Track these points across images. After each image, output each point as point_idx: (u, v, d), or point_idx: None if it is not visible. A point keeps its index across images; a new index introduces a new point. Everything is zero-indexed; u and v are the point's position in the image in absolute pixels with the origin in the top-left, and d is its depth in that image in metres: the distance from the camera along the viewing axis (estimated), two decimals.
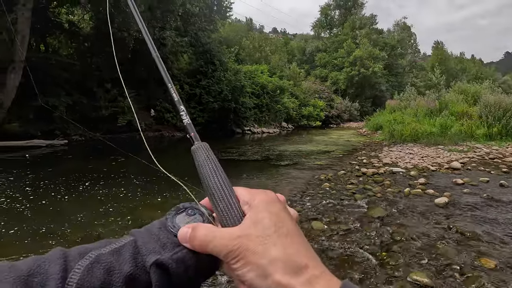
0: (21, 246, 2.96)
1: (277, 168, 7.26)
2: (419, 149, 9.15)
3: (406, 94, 19.57)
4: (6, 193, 4.75)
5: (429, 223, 3.34)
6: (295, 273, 0.28)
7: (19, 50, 9.80)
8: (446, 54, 47.70)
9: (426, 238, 2.97)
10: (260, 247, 0.30)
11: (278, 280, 0.28)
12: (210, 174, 0.36)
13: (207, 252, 0.32)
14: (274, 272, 0.28)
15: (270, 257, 0.29)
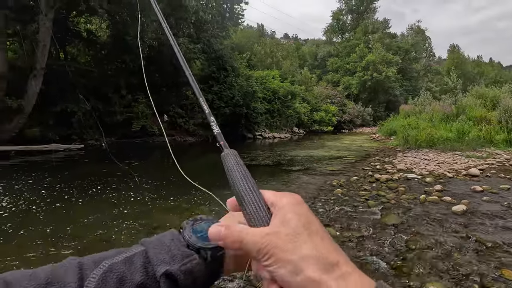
0: (33, 247, 3.04)
1: (288, 173, 7.21)
2: (435, 155, 8.90)
3: (420, 98, 19.14)
4: (24, 195, 4.91)
5: (446, 232, 3.23)
6: (327, 269, 0.28)
7: (40, 58, 10.22)
8: (462, 57, 46.53)
9: (443, 247, 2.87)
10: (290, 245, 0.30)
11: (310, 275, 0.28)
12: (239, 178, 0.37)
13: (238, 249, 0.33)
14: (306, 268, 0.28)
15: (301, 254, 0.29)
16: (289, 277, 0.29)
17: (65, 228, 3.58)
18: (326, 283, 0.28)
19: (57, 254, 2.92)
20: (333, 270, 0.28)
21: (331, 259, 0.29)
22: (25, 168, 7.48)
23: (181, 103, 16.96)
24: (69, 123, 12.59)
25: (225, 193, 2.85)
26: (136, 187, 5.74)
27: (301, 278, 0.28)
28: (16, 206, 4.38)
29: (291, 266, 0.29)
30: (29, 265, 2.68)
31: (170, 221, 3.86)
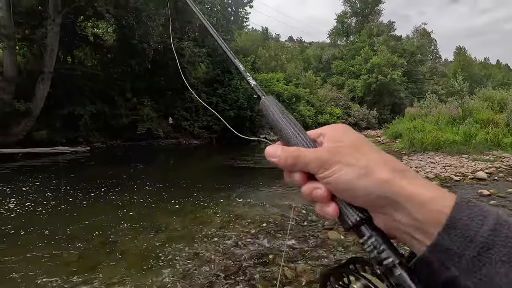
0: (37, 248, 3.08)
1: None
2: (441, 158, 8.80)
3: (426, 101, 18.97)
4: (30, 197, 4.98)
5: None
6: (397, 172, 0.27)
7: (48, 62, 10.39)
8: (469, 59, 46.09)
9: None
10: (356, 153, 0.29)
11: (381, 176, 0.27)
12: (279, 118, 0.36)
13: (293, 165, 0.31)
14: (376, 169, 0.27)
15: (370, 158, 0.28)
16: (357, 180, 0.27)
17: (69, 229, 3.61)
18: (399, 182, 0.26)
19: (60, 255, 2.95)
20: (403, 173, 0.27)
21: (399, 166, 0.28)
22: (32, 170, 7.58)
23: (186, 106, 17.07)
24: (76, 126, 12.75)
25: (232, 194, 2.85)
26: (140, 189, 5.78)
27: (371, 179, 0.27)
28: (22, 208, 4.44)
29: (360, 170, 0.28)
30: (32, 265, 2.71)
31: (173, 223, 3.87)
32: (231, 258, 2.85)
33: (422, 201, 0.25)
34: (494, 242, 0.22)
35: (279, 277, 2.36)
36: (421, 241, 0.25)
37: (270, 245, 3.15)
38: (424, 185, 0.26)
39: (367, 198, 0.27)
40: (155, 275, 2.58)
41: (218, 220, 3.99)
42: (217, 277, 2.50)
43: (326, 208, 0.30)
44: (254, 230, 3.58)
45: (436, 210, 0.25)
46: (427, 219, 0.25)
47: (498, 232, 0.23)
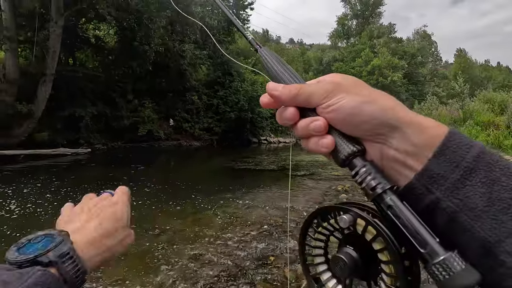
0: None
1: (293, 178, 7.20)
2: None
3: (427, 103, 18.99)
4: (31, 198, 4.99)
5: None
6: (398, 103, 0.29)
7: (50, 64, 10.45)
8: (469, 61, 46.11)
9: None
10: (358, 87, 0.30)
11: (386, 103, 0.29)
12: (278, 68, 0.36)
13: (298, 97, 0.31)
14: (379, 99, 0.29)
15: (372, 90, 0.30)
16: (362, 106, 0.28)
17: None
18: (401, 110, 0.28)
19: None
20: (402, 106, 0.29)
21: (398, 101, 0.29)
22: (33, 171, 7.60)
23: (186, 107, 17.12)
24: (77, 127, 12.79)
25: (233, 196, 2.86)
26: (141, 191, 5.79)
27: (376, 106, 0.28)
28: (23, 209, 4.45)
29: (364, 98, 0.29)
30: None
31: (174, 225, 3.88)
32: (232, 260, 2.86)
33: (423, 127, 0.27)
34: (476, 167, 0.24)
35: (289, 278, 2.37)
36: (412, 167, 0.27)
37: (271, 246, 3.15)
38: (422, 116, 0.28)
39: (369, 125, 0.28)
40: (156, 276, 2.59)
41: (219, 221, 4.00)
42: (218, 278, 2.51)
43: (323, 140, 0.30)
44: (255, 231, 3.59)
45: (434, 135, 0.26)
46: (425, 143, 0.26)
47: (481, 159, 0.24)
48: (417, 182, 0.26)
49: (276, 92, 0.32)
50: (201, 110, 17.46)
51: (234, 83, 17.86)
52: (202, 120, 17.30)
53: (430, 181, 0.25)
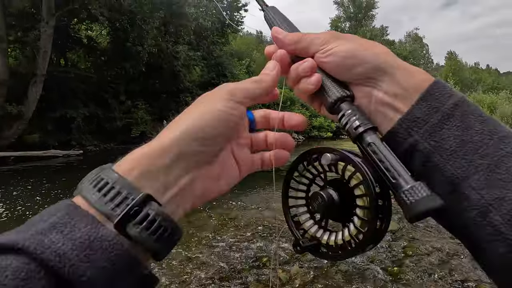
0: None
1: None
2: None
3: None
4: (20, 201, 4.91)
5: (444, 238, 3.24)
6: (390, 52, 0.32)
7: (41, 65, 10.30)
8: (460, 64, 47.01)
9: (440, 253, 2.88)
10: (353, 38, 0.33)
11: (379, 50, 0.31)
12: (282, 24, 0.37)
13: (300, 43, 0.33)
14: (373, 46, 0.32)
15: (365, 41, 0.33)
16: (357, 51, 0.31)
17: None
18: (393, 56, 0.31)
19: None
20: (393, 55, 0.31)
21: (389, 50, 0.32)
22: (23, 174, 7.47)
23: (180, 109, 16.94)
24: (69, 128, 12.61)
25: (226, 197, 2.86)
26: None
27: (370, 52, 0.30)
28: (12, 212, 4.37)
29: (359, 45, 0.31)
30: None
31: None
32: (226, 262, 2.85)
33: (412, 72, 0.29)
34: (454, 113, 0.26)
35: (271, 279, 2.38)
36: (399, 109, 0.28)
37: (264, 248, 3.16)
38: (411, 65, 0.30)
39: (361, 69, 0.30)
40: None
41: (213, 223, 3.99)
42: (212, 280, 2.51)
43: (310, 78, 0.32)
44: (249, 233, 3.60)
45: (423, 79, 0.28)
46: (414, 86, 0.28)
47: (459, 106, 0.26)
48: (399, 127, 0.28)
49: (280, 35, 0.34)
50: None
51: None
52: None
53: (411, 125, 0.27)
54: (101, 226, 0.22)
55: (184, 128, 0.28)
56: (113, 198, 0.24)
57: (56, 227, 0.21)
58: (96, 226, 0.22)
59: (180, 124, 0.30)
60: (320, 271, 2.58)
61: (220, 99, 0.31)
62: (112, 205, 0.23)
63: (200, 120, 0.29)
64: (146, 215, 0.23)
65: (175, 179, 0.27)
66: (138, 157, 0.27)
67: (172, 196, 0.26)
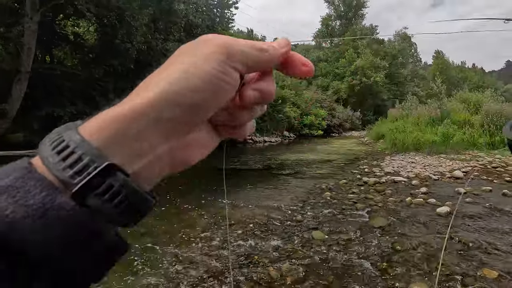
0: None
1: (278, 177, 7.24)
2: (421, 158, 9.10)
3: (407, 103, 19.59)
4: None
5: (431, 233, 3.31)
6: None
7: (25, 61, 10.00)
8: (447, 63, 48.00)
9: (428, 248, 2.94)
10: None
11: None
12: None
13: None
14: None
15: None
16: None
17: None
18: None
19: None
20: None
21: None
22: None
23: None
24: (56, 127, 12.29)
25: (218, 196, 2.85)
26: None
27: None
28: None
29: None
30: None
31: (158, 227, 3.81)
32: (217, 260, 2.84)
33: None
34: None
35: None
36: None
37: (256, 246, 3.16)
38: None
39: None
40: (138, 280, 2.54)
41: (204, 222, 3.97)
42: (202, 279, 2.49)
43: None
44: (240, 230, 3.59)
45: None
46: None
47: None
48: None
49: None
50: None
51: None
52: None
53: None
54: (58, 193, 0.20)
55: (163, 88, 0.23)
56: (72, 164, 0.21)
57: (7, 191, 0.19)
58: (53, 193, 0.20)
59: (159, 81, 0.24)
60: (310, 268, 2.59)
61: (210, 57, 0.25)
62: (71, 172, 0.21)
63: (185, 81, 0.24)
64: (109, 185, 0.21)
65: (150, 147, 0.23)
66: (108, 119, 0.23)
67: (146, 164, 0.23)
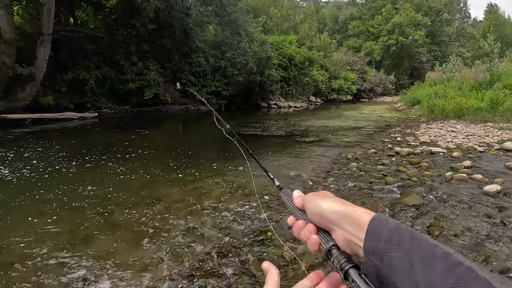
0: (25, 216, 2.95)
1: (301, 144, 6.84)
2: (463, 127, 8.17)
3: (450, 65, 17.56)
4: (27, 163, 4.87)
5: (477, 216, 2.83)
6: None
7: (45, 23, 9.89)
8: (501, 18, 41.98)
9: (473, 234, 2.50)
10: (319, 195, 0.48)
11: None
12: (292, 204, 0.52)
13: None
14: None
15: None
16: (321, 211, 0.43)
17: (65, 198, 3.47)
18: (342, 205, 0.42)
19: (52, 224, 2.81)
20: None
21: None
22: (38, 136, 7.52)
23: (193, 70, 16.44)
24: (82, 91, 12.52)
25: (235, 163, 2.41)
26: (143, 157, 5.60)
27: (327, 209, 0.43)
28: (21, 174, 4.33)
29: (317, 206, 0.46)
30: (22, 233, 2.58)
31: (172, 194, 3.67)
32: (227, 234, 2.63)
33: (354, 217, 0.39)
34: (391, 238, 0.34)
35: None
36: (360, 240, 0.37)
37: (270, 220, 2.90)
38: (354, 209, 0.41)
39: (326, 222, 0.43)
40: (146, 250, 2.40)
41: (219, 191, 3.77)
42: (209, 256, 2.29)
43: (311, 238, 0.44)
44: (254, 203, 3.34)
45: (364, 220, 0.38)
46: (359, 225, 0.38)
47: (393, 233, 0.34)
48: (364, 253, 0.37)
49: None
50: (208, 73, 16.75)
51: (242, 43, 16.78)
52: (209, 83, 16.67)
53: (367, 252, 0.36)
54: None
55: None
56: None
57: None
58: None
59: None
60: None
61: None
62: None
63: None
64: None
65: None
66: None
67: None
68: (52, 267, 2.18)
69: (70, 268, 2.18)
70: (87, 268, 2.17)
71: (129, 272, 2.13)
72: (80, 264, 2.21)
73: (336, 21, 43.95)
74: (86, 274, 2.10)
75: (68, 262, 2.24)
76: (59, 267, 2.18)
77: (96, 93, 13.14)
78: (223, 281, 2.01)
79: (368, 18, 38.57)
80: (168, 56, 15.85)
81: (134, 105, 14.37)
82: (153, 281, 2.02)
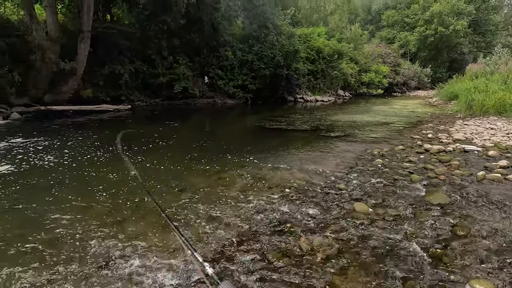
0: (67, 198, 3.27)
1: (325, 139, 6.79)
2: (504, 124, 7.60)
3: (495, 56, 16.20)
4: (69, 150, 5.33)
5: (508, 218, 2.70)
6: None
7: (85, 20, 10.55)
8: None
9: (502, 237, 2.40)
10: None
11: None
12: None
13: None
14: None
15: None
16: None
17: (104, 184, 3.80)
18: None
19: (90, 207, 3.11)
20: None
21: None
22: (79, 126, 8.15)
23: (220, 64, 16.69)
24: (118, 84, 13.26)
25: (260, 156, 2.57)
26: (170, 148, 5.89)
27: None
28: (64, 160, 4.78)
29: None
30: (64, 214, 2.89)
31: (197, 184, 3.87)
32: (248, 224, 2.76)
33: None
34: None
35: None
36: None
37: (290, 213, 2.98)
38: None
39: None
40: (172, 235, 2.59)
41: (242, 182, 3.90)
42: (230, 243, 2.43)
43: None
44: (276, 195, 3.43)
45: None
46: None
47: None
48: None
49: None
50: (235, 66, 16.92)
51: (269, 36, 16.70)
52: (236, 77, 16.85)
53: None
54: None
55: None
56: None
57: None
58: None
59: None
60: (346, 245, 2.34)
61: None
62: None
63: None
64: None
65: None
66: None
67: None
68: (92, 245, 2.44)
69: (106, 246, 2.42)
70: (120, 248, 2.40)
71: (157, 253, 2.33)
72: (115, 243, 2.46)
73: (369, 11, 42.06)
74: (120, 252, 2.34)
75: (105, 240, 2.49)
76: (98, 244, 2.44)
77: (130, 86, 13.83)
78: (241, 266, 2.14)
79: (403, 8, 36.48)
80: (196, 50, 16.21)
81: (165, 98, 14.95)
82: (178, 261, 2.20)
